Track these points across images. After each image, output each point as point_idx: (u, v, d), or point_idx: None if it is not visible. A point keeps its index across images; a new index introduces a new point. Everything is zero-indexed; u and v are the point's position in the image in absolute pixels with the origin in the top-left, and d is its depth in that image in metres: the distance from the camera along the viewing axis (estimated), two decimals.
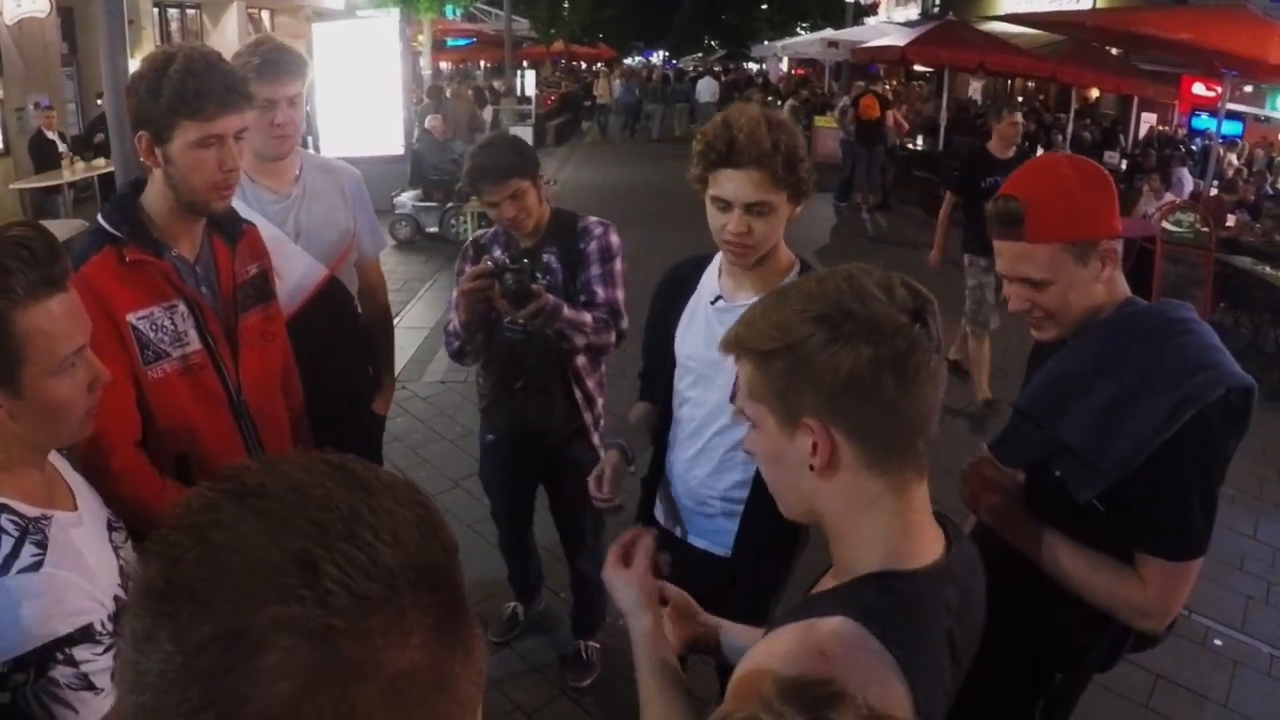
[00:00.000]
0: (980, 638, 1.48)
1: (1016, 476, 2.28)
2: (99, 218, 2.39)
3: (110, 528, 1.93)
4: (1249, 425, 2.04)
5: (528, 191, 3.35)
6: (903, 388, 1.28)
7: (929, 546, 1.38)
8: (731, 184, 2.41)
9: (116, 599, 1.73)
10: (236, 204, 2.67)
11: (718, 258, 2.71)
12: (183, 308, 2.39)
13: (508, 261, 3.20)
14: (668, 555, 1.81)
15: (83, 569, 1.69)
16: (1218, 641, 4.76)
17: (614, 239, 3.53)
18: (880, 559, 1.34)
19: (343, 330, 3.54)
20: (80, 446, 2.14)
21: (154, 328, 2.34)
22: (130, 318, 2.30)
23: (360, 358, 3.74)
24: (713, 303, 2.68)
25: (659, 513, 2.98)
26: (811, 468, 1.33)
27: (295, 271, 3.25)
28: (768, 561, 2.76)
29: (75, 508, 1.83)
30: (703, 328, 2.69)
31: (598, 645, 4.24)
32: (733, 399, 2.56)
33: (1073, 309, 2.11)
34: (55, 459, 1.90)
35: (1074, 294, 2.08)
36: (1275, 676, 4.63)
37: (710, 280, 2.73)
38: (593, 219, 3.57)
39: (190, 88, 2.25)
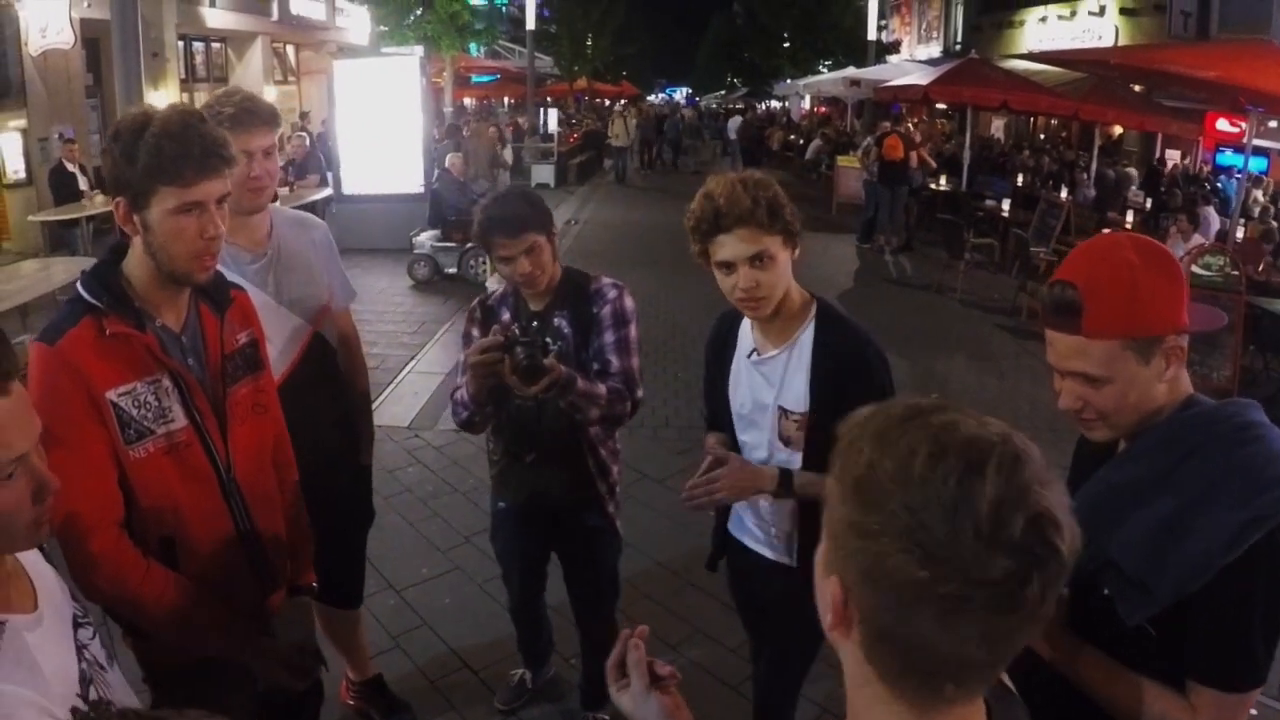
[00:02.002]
0: None
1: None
2: (78, 286, 2.26)
3: (76, 624, 1.80)
4: None
5: (543, 247, 3.22)
6: (942, 632, 1.02)
7: None
8: (727, 247, 2.62)
9: (74, 709, 1.61)
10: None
11: None
12: (167, 382, 2.27)
13: (517, 331, 3.09)
14: (669, 665, 1.66)
15: (36, 679, 1.57)
16: (1253, 711, 4.54)
17: (628, 303, 3.39)
18: None
19: (330, 387, 3.50)
20: (55, 530, 2.02)
21: (136, 404, 2.21)
22: (111, 395, 2.17)
23: (348, 411, 3.68)
24: (749, 356, 2.90)
25: (737, 530, 3.14)
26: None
27: (283, 334, 3.19)
28: None
29: (35, 607, 1.70)
30: (746, 381, 2.93)
31: (607, 717, 4.06)
32: (781, 439, 2.84)
33: (1130, 411, 1.90)
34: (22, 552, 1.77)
35: (1133, 394, 1.87)
36: None
37: (745, 334, 2.94)
38: (606, 280, 3.44)
39: (167, 152, 2.12)
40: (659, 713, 1.57)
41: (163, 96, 16.74)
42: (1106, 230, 12.72)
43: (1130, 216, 14.93)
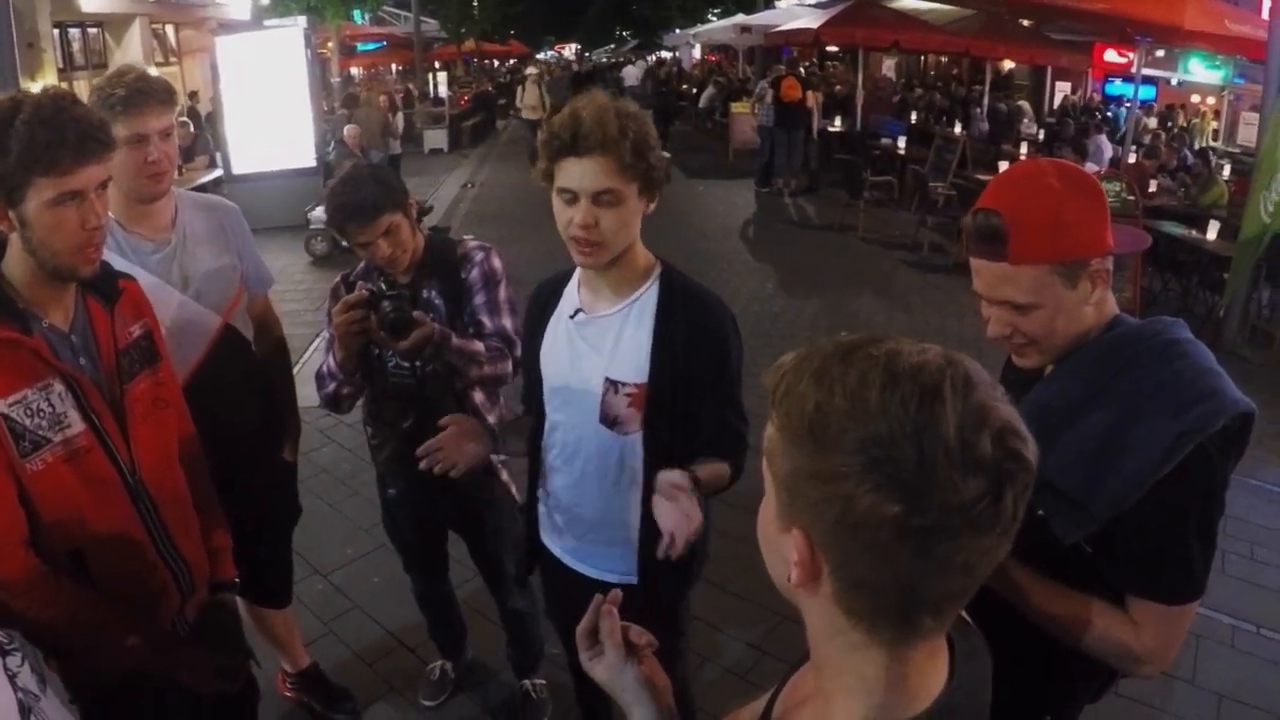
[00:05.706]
0: None
1: None
2: None
3: (4, 652, 1.72)
4: (1246, 448, 1.86)
5: (400, 225, 3.08)
6: (924, 565, 0.99)
7: (927, 684, 1.11)
8: (575, 173, 2.26)
9: None
10: (112, 257, 2.42)
11: (579, 270, 2.57)
12: (59, 386, 2.12)
13: (384, 286, 2.96)
14: (646, 633, 1.56)
15: None
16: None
17: (496, 263, 3.28)
18: (862, 710, 1.10)
19: (246, 379, 3.29)
20: None
21: (29, 413, 2.07)
22: (0, 406, 2.03)
23: (267, 404, 3.49)
24: (572, 316, 2.54)
25: (548, 538, 2.83)
26: (789, 578, 1.08)
27: (189, 326, 2.99)
28: (673, 584, 2.65)
29: None
30: (565, 344, 2.57)
31: (544, 681, 4.01)
32: (602, 419, 2.49)
33: (1059, 335, 1.90)
34: None
35: (1061, 319, 1.87)
36: (1239, 648, 4.57)
37: (571, 294, 2.60)
38: (472, 243, 3.32)
39: (40, 139, 1.98)
40: (636, 683, 1.50)
41: (41, 88, 16.05)
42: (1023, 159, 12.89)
43: (1024, 148, 15.15)
